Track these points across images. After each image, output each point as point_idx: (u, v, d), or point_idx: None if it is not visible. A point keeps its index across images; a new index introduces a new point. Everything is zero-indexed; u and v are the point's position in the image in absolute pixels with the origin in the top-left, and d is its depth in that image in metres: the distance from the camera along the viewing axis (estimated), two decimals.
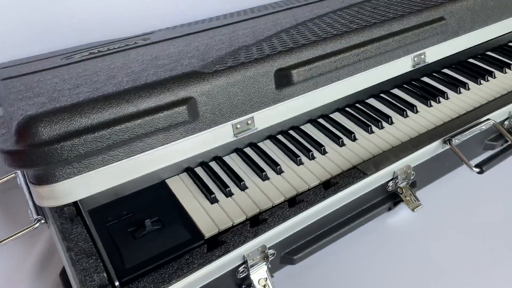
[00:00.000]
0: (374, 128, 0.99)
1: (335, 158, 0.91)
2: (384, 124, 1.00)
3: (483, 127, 0.97)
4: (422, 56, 0.84)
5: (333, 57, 0.80)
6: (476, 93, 1.11)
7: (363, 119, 1.01)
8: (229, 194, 0.83)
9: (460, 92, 1.12)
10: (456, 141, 0.93)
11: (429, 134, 0.95)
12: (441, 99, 1.09)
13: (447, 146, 0.93)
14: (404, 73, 0.96)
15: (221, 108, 0.78)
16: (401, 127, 0.99)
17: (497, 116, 1.01)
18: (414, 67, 0.86)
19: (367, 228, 0.91)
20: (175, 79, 0.73)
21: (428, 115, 1.03)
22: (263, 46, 0.84)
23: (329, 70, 0.82)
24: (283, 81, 0.77)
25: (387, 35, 0.82)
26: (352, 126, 1.00)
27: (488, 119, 0.98)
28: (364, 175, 0.84)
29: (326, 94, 0.89)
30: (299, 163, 0.90)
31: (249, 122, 0.80)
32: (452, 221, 0.93)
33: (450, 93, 1.11)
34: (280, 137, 0.96)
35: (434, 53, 0.95)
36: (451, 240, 0.89)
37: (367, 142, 0.95)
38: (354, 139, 0.96)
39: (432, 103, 1.08)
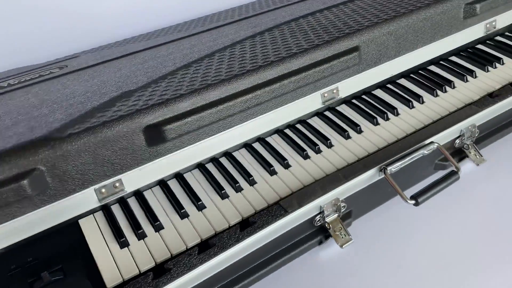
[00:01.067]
0: (310, 152, 0.94)
1: (254, 195, 0.86)
2: (322, 147, 0.95)
3: (426, 152, 0.90)
4: (334, 91, 0.76)
5: (215, 108, 0.71)
6: (431, 107, 1.04)
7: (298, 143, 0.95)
8: (141, 236, 0.79)
9: (412, 107, 1.05)
10: (392, 169, 0.86)
11: (364, 161, 0.89)
12: (389, 115, 1.02)
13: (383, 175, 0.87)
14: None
15: (73, 174, 0.70)
16: (340, 150, 0.93)
17: (443, 137, 0.94)
18: (324, 103, 0.77)
19: (297, 262, 0.86)
20: (17, 149, 0.65)
21: (373, 136, 0.97)
22: (137, 97, 0.74)
23: (211, 122, 0.73)
24: (156, 138, 0.70)
25: (284, 75, 0.71)
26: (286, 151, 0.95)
27: (431, 142, 0.92)
28: (285, 212, 0.79)
29: (215, 143, 0.80)
30: (224, 196, 0.85)
31: (117, 184, 0.74)
32: (387, 257, 0.88)
33: (401, 107, 1.04)
34: (208, 166, 0.91)
35: (348, 87, 0.84)
36: (383, 278, 0.85)
37: (297, 171, 0.89)
38: (287, 166, 0.91)
39: (379, 120, 1.01)
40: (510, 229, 0.90)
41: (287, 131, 0.96)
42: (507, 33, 1.28)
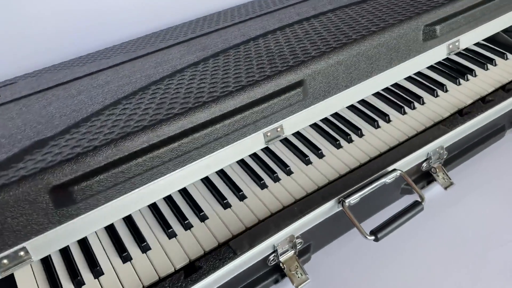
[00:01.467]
0: (268, 181, 0.88)
1: (204, 233, 0.80)
2: (281, 175, 0.89)
3: (388, 181, 0.85)
4: (278, 130, 0.69)
5: (134, 161, 0.59)
6: (398, 127, 0.99)
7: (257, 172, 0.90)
8: (78, 285, 0.73)
9: (378, 127, 0.99)
10: (351, 201, 0.81)
11: (322, 192, 0.83)
12: (353, 136, 0.97)
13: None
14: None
15: None
16: (299, 178, 0.88)
17: (407, 163, 0.89)
18: (267, 143, 0.70)
19: None
20: None
21: (334, 161, 0.91)
22: (50, 147, 0.62)
23: (132, 176, 0.62)
24: (64, 199, 0.61)
25: (217, 118, 0.62)
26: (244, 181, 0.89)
27: (394, 170, 0.86)
28: (235, 255, 0.73)
29: (141, 196, 0.68)
30: (171, 235, 0.79)
31: (22, 253, 0.63)
32: None
33: (366, 127, 0.99)
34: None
35: (294, 124, 0.74)
36: None
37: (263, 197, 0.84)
38: (243, 198, 0.85)
39: (342, 142, 0.95)
40: (479, 257, 0.85)
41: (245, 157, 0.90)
42: (481, 41, 1.22)
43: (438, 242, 0.88)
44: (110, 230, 0.79)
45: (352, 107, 1.02)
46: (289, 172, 0.89)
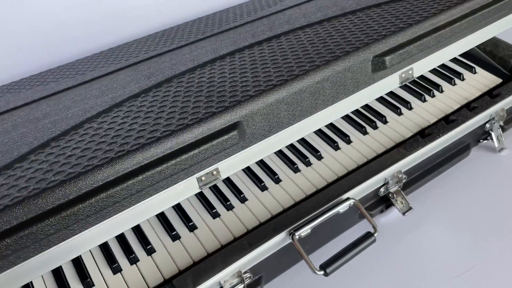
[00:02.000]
0: (221, 209, 0.86)
1: (149, 267, 0.78)
2: (234, 202, 0.87)
3: (341, 210, 0.83)
4: (214, 173, 0.66)
5: (48, 220, 0.54)
6: (358, 148, 0.96)
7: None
8: None
9: (337, 148, 0.97)
10: (302, 234, 0.79)
11: (274, 223, 0.81)
12: (312, 159, 0.94)
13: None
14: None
15: None
16: (253, 205, 0.86)
17: (363, 190, 0.87)
18: (201, 188, 0.67)
19: None
20: None
21: (290, 186, 0.89)
22: None
23: (46, 236, 0.56)
24: None
25: (140, 169, 0.58)
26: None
27: (348, 198, 0.84)
28: None
29: (60, 252, 0.61)
30: (115, 271, 0.77)
31: None
32: None
33: (326, 149, 0.96)
34: None
35: (232, 166, 0.69)
36: None
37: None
38: (193, 229, 0.83)
39: (301, 166, 0.93)
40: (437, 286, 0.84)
41: None
42: None
43: (393, 272, 0.86)
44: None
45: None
46: (243, 200, 0.87)
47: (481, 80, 1.14)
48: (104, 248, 0.78)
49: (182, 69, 0.78)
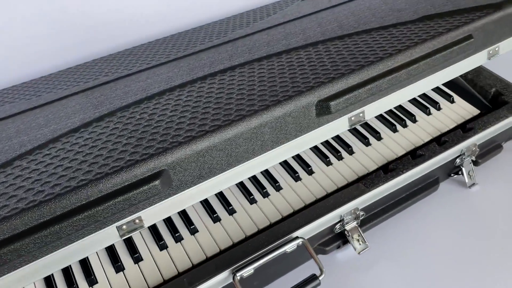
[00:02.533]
0: (169, 241, 0.85)
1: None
2: (184, 233, 0.86)
3: (288, 250, 0.81)
4: (137, 221, 0.64)
5: None
6: (319, 180, 0.94)
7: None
8: None
9: (298, 179, 0.95)
10: (244, 274, 0.77)
11: (217, 261, 0.79)
12: (271, 190, 0.92)
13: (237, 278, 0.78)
14: None
15: None
16: (203, 238, 0.84)
17: (315, 228, 0.85)
18: (122, 237, 0.65)
19: None
20: None
21: (243, 218, 0.87)
22: None
23: None
24: None
25: (52, 221, 0.55)
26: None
27: (296, 237, 0.82)
28: None
29: None
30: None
31: None
32: None
33: (287, 179, 0.94)
34: None
35: (155, 215, 0.67)
36: None
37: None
38: (138, 260, 0.82)
39: (258, 197, 0.92)
40: None
41: None
42: None
43: None
44: None
45: None
46: (193, 231, 0.86)
47: (458, 111, 1.10)
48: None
49: (129, 100, 0.77)
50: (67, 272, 0.77)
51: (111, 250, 0.80)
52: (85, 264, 0.79)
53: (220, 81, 0.77)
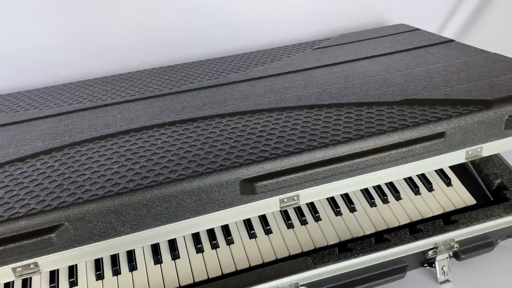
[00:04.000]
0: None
1: None
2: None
3: None
4: (32, 266, 0.66)
5: None
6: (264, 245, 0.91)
7: None
8: None
9: (253, 236, 0.93)
10: None
11: None
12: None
13: None
14: None
15: None
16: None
17: None
18: (19, 277, 0.68)
19: None
20: None
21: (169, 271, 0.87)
22: None
23: None
24: None
25: None
26: None
27: None
28: None
29: None
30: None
31: None
32: None
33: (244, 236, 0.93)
34: None
35: (52, 264, 0.69)
36: None
37: None
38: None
39: (206, 247, 0.91)
40: None
41: None
42: None
43: None
44: None
45: None
46: (132, 268, 0.88)
47: (451, 196, 1.01)
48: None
49: (83, 137, 0.81)
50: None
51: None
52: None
53: (149, 138, 0.80)
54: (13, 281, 0.79)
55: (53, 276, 0.83)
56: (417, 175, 1.04)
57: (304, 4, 1.39)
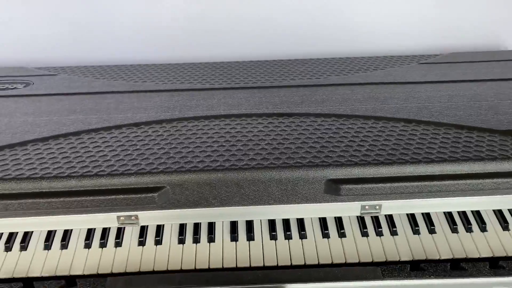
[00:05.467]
0: None
1: None
2: None
3: None
4: (133, 218, 0.74)
5: None
6: None
7: None
8: None
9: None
10: None
11: None
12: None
13: None
14: None
15: None
16: None
17: None
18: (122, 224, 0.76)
19: None
20: None
21: None
22: None
23: None
24: None
25: None
26: None
27: None
28: None
29: None
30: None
31: None
32: None
33: None
34: None
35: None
36: None
37: None
38: None
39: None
40: None
41: None
42: None
43: None
44: None
45: None
46: (211, 240, 0.95)
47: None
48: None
49: (167, 116, 0.91)
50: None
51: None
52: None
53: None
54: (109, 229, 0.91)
55: (142, 231, 0.94)
56: (508, 209, 0.98)
57: (418, 16, 1.36)
